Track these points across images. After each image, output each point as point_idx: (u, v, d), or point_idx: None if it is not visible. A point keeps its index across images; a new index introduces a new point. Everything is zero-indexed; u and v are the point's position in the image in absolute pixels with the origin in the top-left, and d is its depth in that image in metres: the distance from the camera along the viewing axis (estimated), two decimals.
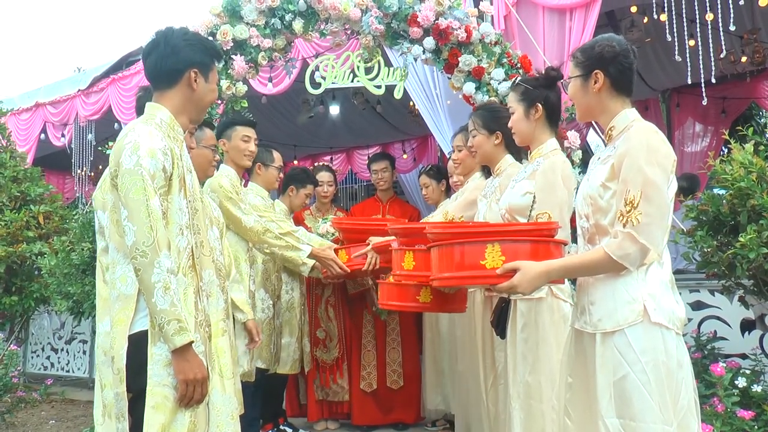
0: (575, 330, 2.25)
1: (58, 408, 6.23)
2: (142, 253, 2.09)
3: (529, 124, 3.00)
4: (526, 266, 2.10)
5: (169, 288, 2.10)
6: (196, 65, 2.37)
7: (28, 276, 6.50)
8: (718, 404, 3.25)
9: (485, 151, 3.41)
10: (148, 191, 2.11)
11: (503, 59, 4.45)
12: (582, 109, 2.33)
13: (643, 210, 2.00)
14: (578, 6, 4.76)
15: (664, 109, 8.98)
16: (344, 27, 4.70)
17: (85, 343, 7.26)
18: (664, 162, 2.06)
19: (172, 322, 2.09)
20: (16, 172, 6.67)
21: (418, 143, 10.36)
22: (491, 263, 2.16)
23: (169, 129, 2.31)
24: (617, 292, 2.08)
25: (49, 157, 9.32)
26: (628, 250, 2.01)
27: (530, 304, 2.88)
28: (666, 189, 2.06)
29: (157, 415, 2.12)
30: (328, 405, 4.79)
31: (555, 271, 2.13)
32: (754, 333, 4.09)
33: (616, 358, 2.03)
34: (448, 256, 2.27)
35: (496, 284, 2.16)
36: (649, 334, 2.02)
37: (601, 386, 2.05)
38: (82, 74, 8.60)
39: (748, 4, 5.18)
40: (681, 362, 2.05)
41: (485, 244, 2.17)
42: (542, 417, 2.79)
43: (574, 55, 2.32)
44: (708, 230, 3.47)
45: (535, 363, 2.83)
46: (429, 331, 4.26)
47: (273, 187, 4.36)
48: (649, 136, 2.10)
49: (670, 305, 2.07)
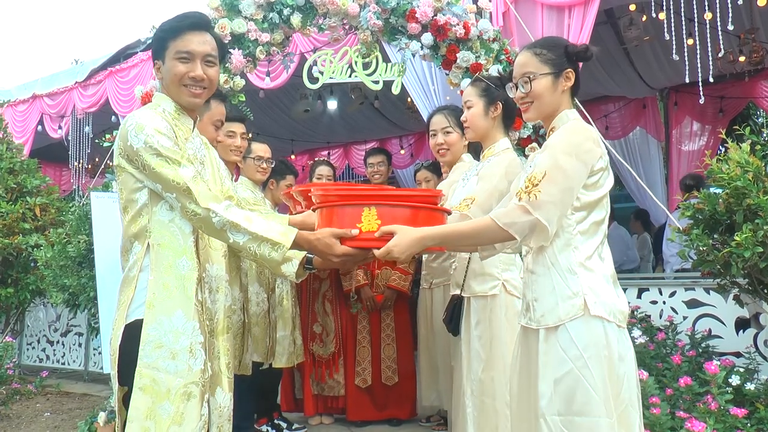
0: (522, 327, 2.26)
1: (53, 400, 6.22)
2: (193, 213, 2.15)
3: (487, 122, 3.08)
4: (403, 231, 2.11)
5: (236, 224, 2.16)
6: (156, 57, 2.37)
7: (24, 268, 6.50)
8: (711, 402, 3.25)
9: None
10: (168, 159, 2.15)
11: (501, 56, 4.46)
12: (545, 107, 2.25)
13: (543, 189, 2.03)
14: (577, 3, 4.77)
15: (662, 108, 9.00)
16: (342, 22, 4.69)
17: (80, 336, 7.25)
18: (585, 156, 2.08)
19: (262, 244, 2.16)
20: (13, 164, 6.67)
21: (416, 139, 10.39)
22: (367, 226, 2.17)
23: (173, 118, 2.31)
24: (558, 287, 2.09)
25: (46, 148, 9.31)
26: (515, 219, 2.04)
27: (484, 301, 2.93)
28: (578, 179, 2.07)
29: (144, 398, 2.10)
30: (324, 400, 4.79)
31: (431, 238, 2.14)
32: (749, 331, 4.10)
33: (559, 354, 2.04)
34: (328, 218, 2.27)
35: (372, 248, 2.17)
36: (590, 328, 2.03)
37: (542, 384, 2.06)
38: (80, 66, 8.59)
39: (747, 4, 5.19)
40: (623, 356, 2.07)
41: (362, 208, 2.18)
42: (495, 414, 2.83)
43: (537, 52, 2.24)
44: (704, 229, 3.48)
45: (488, 360, 2.87)
46: (423, 327, 4.26)
47: (255, 177, 4.26)
48: (577, 133, 2.12)
49: (611, 299, 2.09)
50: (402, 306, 4.73)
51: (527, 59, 2.26)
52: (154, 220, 2.22)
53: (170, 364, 2.13)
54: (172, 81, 2.32)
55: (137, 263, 2.20)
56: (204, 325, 2.25)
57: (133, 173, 2.21)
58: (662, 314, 4.36)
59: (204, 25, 2.35)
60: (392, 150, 10.44)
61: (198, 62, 2.30)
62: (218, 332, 2.38)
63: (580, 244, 2.11)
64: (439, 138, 3.61)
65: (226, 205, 2.18)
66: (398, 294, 4.64)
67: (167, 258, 2.20)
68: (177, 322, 2.16)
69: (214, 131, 3.17)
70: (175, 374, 2.13)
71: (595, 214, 2.14)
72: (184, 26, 2.31)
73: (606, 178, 2.15)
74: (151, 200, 2.22)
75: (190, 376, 2.16)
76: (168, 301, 2.17)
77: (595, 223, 2.14)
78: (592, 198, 2.12)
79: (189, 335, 2.17)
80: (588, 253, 2.11)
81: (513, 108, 3.01)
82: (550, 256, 2.13)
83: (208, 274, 2.35)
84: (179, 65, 2.29)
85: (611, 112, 9.04)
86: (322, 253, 2.23)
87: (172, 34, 2.31)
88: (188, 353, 2.16)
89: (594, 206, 2.13)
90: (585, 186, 2.10)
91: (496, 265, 2.96)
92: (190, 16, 2.35)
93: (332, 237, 2.20)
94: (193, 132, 2.41)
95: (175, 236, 2.22)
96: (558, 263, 2.11)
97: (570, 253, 2.11)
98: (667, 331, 4.11)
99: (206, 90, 2.36)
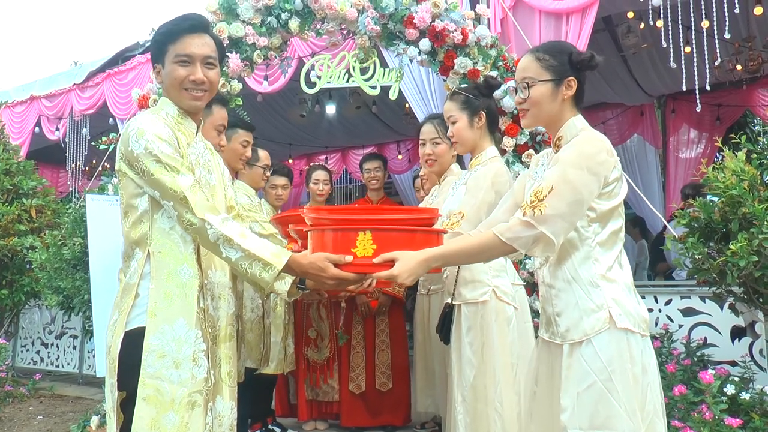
0: (543, 340, 2.23)
1: (46, 403, 6.20)
2: (189, 223, 2.12)
3: (474, 133, 3.08)
4: (405, 256, 2.08)
5: (230, 239, 2.11)
6: (156, 61, 2.36)
7: (19, 270, 6.49)
8: (706, 411, 3.25)
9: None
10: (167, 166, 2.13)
11: (499, 62, 4.46)
12: (543, 115, 2.19)
13: (548, 203, 1.99)
14: (575, 10, 4.77)
15: (660, 115, 9.01)
16: (340, 27, 4.69)
17: (75, 338, 7.23)
18: (597, 168, 2.02)
19: (254, 263, 2.12)
20: (9, 165, 6.66)
21: (413, 144, 10.35)
22: (362, 251, 2.12)
23: (175, 122, 2.30)
24: (581, 301, 2.05)
25: (43, 150, 9.31)
26: (519, 234, 2.01)
27: (474, 308, 2.93)
28: (588, 192, 2.01)
29: (149, 408, 2.07)
30: (318, 405, 4.78)
31: (434, 259, 2.11)
32: (744, 340, 4.09)
33: (583, 368, 2.00)
34: (320, 242, 2.22)
35: (370, 272, 2.16)
36: (615, 341, 2.00)
37: (565, 398, 2.03)
38: (78, 68, 8.58)
39: (744, 13, 5.20)
40: (646, 367, 2.04)
41: (356, 232, 2.14)
42: (487, 419, 2.84)
43: (539, 57, 2.17)
44: (699, 237, 3.48)
45: (480, 366, 2.87)
46: (420, 333, 4.24)
47: (259, 185, 4.32)
48: (590, 144, 2.07)
49: (634, 308, 2.05)
50: (397, 312, 4.73)
51: (528, 63, 2.18)
52: (154, 227, 2.20)
53: (174, 373, 2.11)
54: (172, 85, 2.30)
55: (138, 271, 2.18)
56: (206, 333, 2.23)
57: (133, 178, 2.19)
58: (658, 322, 4.36)
59: (203, 27, 2.33)
60: (390, 155, 10.44)
61: (198, 65, 2.28)
62: (220, 340, 2.35)
63: (600, 256, 2.07)
64: (427, 148, 3.58)
65: (222, 218, 2.15)
66: (393, 300, 4.63)
67: (168, 266, 2.18)
68: (179, 330, 2.14)
69: (217, 136, 3.15)
70: (179, 383, 2.11)
71: (612, 224, 2.10)
72: (183, 29, 2.28)
73: (620, 186, 2.11)
74: (151, 207, 2.21)
75: (194, 384, 2.14)
76: (169, 309, 2.15)
77: (614, 233, 2.10)
78: (608, 207, 2.07)
79: (192, 344, 2.15)
80: (609, 263, 2.07)
81: (496, 114, 3.05)
82: (570, 269, 2.09)
83: (211, 280, 2.32)
84: (179, 69, 2.27)
85: (609, 119, 9.05)
86: (315, 276, 2.18)
87: (170, 37, 2.29)
88: (191, 362, 2.14)
89: (610, 216, 2.09)
90: (600, 195, 2.05)
91: (486, 272, 2.96)
92: (188, 18, 2.32)
93: (326, 261, 2.15)
94: (196, 136, 2.39)
95: (176, 244, 2.20)
96: (579, 277, 2.07)
97: (591, 265, 2.07)
98: (662, 340, 4.10)
99: (207, 93, 2.33)
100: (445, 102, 3.20)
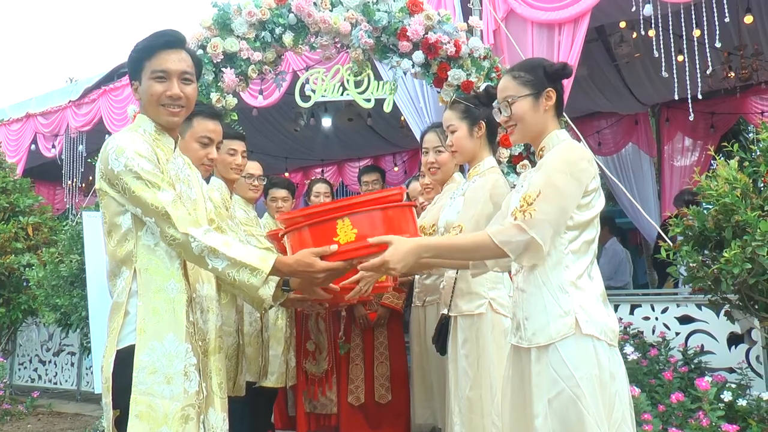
0: (513, 346, 2.27)
1: (44, 421, 6.17)
2: (172, 238, 2.12)
3: (474, 143, 3.09)
4: (398, 241, 2.13)
5: (215, 250, 2.12)
6: (133, 78, 2.36)
7: (16, 287, 6.48)
8: (703, 418, 3.25)
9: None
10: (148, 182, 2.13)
11: (492, 74, 4.49)
12: (530, 129, 2.27)
13: (538, 207, 2.05)
14: (567, 21, 4.81)
15: (654, 124, 9.05)
16: (334, 40, 4.72)
17: (73, 355, 7.21)
18: (579, 175, 2.10)
19: (241, 269, 2.12)
20: (5, 183, 6.68)
21: (409, 156, 10.42)
22: (344, 238, 2.16)
23: (153, 139, 2.30)
24: (549, 305, 2.10)
25: (39, 168, 9.30)
26: (511, 238, 2.06)
27: (471, 319, 2.94)
28: (572, 198, 2.09)
29: (142, 425, 2.07)
30: (317, 417, 4.76)
31: (426, 248, 2.17)
32: (741, 347, 4.10)
33: (551, 375, 2.05)
34: (301, 241, 2.25)
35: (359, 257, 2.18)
36: (581, 347, 2.04)
37: (537, 403, 2.07)
38: (74, 85, 8.61)
39: (735, 22, 5.24)
40: (614, 374, 2.08)
41: (335, 221, 2.18)
42: (483, 431, 2.83)
43: (516, 75, 2.28)
44: (694, 245, 3.50)
45: (476, 378, 2.87)
46: (417, 345, 4.24)
47: (246, 195, 4.23)
48: (572, 151, 2.15)
49: (602, 317, 2.10)
50: (395, 324, 4.72)
51: (507, 83, 2.30)
52: (139, 244, 2.20)
53: (165, 388, 2.12)
54: (149, 101, 2.30)
55: (126, 289, 2.18)
56: (197, 347, 2.24)
57: (114, 197, 2.19)
58: (654, 330, 4.37)
59: (179, 42, 2.33)
60: (386, 167, 10.46)
61: (174, 81, 2.28)
62: (210, 352, 2.35)
63: (571, 263, 2.13)
64: (430, 157, 3.59)
65: (205, 230, 2.16)
66: (391, 312, 4.63)
67: (155, 282, 2.19)
68: (169, 345, 2.15)
69: (201, 148, 3.10)
70: (171, 398, 2.11)
71: (586, 234, 2.16)
72: (159, 45, 2.29)
73: (597, 198, 2.17)
74: (135, 225, 2.21)
75: (187, 399, 2.14)
76: (158, 325, 2.15)
77: (587, 242, 2.16)
78: (585, 218, 2.14)
79: (182, 358, 2.16)
80: (579, 272, 2.13)
81: (496, 124, 3.03)
82: (542, 275, 2.14)
83: (199, 294, 2.34)
84: (156, 85, 2.27)
85: (603, 129, 9.08)
86: (304, 273, 2.20)
87: (147, 53, 2.29)
88: (183, 376, 2.14)
89: (586, 226, 2.15)
90: (578, 206, 2.12)
91: (482, 284, 2.96)
92: (164, 35, 2.32)
93: (312, 256, 2.18)
94: (174, 152, 2.39)
95: (161, 260, 2.21)
96: (549, 282, 2.12)
97: (561, 271, 2.12)
98: (659, 347, 4.11)
99: (184, 108, 2.33)
100: (445, 111, 3.22)
